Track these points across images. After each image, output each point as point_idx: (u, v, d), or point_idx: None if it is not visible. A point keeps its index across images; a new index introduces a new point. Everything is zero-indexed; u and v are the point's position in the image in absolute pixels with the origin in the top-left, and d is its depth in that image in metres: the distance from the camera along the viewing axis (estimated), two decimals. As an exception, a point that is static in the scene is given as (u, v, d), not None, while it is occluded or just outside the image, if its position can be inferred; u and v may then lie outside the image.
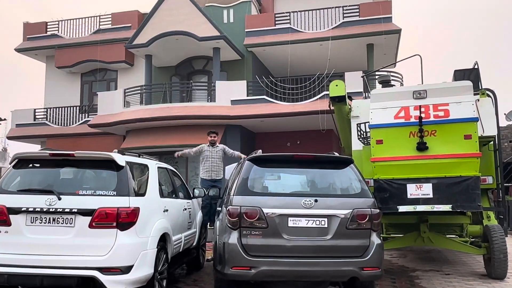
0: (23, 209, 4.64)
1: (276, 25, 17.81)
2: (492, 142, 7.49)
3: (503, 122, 17.74)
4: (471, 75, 8.23)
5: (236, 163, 6.97)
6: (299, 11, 17.91)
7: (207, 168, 9.12)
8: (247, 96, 16.22)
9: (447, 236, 7.58)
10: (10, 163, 5.23)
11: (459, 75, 8.39)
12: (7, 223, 4.63)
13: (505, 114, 18.31)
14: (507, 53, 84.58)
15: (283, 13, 18.14)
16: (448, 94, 6.61)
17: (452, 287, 6.43)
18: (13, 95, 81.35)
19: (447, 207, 6.30)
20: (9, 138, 20.59)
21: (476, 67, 8.42)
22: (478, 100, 7.25)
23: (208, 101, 16.79)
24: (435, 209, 6.36)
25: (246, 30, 17.87)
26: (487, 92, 7.68)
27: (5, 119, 12.19)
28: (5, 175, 5.06)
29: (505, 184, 8.25)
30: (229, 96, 16.09)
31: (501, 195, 8.06)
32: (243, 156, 8.36)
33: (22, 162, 5.13)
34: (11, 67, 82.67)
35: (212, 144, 9.28)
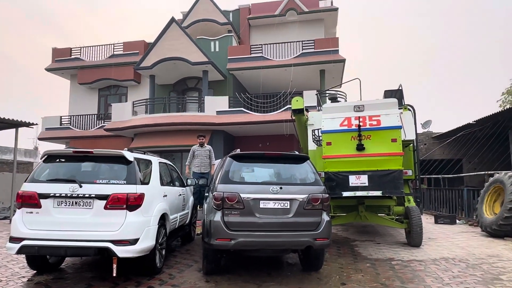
0: (51, 194, 4.50)
1: (251, 54, 17.77)
2: (412, 144, 7.61)
3: (420, 130, 18.21)
4: (396, 94, 8.31)
5: (220, 159, 6.92)
6: (269, 43, 17.98)
7: (197, 164, 8.98)
8: (229, 108, 16.09)
9: (379, 214, 7.64)
10: (41, 158, 5.06)
11: (388, 94, 8.46)
12: (38, 206, 4.50)
13: (421, 123, 18.83)
14: (421, 78, 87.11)
15: (257, 45, 18.15)
16: (380, 108, 6.68)
17: (382, 253, 6.50)
18: (44, 105, 79.10)
19: (378, 193, 6.38)
20: (40, 139, 19.88)
21: (400, 88, 8.52)
22: (402, 113, 7.36)
23: (198, 112, 16.59)
24: (369, 194, 6.43)
25: (228, 57, 17.80)
26: (408, 107, 7.80)
27: (36, 124, 11.74)
28: (36, 168, 4.89)
29: (420, 176, 8.44)
30: (215, 108, 15.96)
31: (418, 184, 8.28)
32: (213, 164, 8.95)
33: (50, 157, 4.97)
34: (42, 83, 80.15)
35: (201, 145, 9.13)
